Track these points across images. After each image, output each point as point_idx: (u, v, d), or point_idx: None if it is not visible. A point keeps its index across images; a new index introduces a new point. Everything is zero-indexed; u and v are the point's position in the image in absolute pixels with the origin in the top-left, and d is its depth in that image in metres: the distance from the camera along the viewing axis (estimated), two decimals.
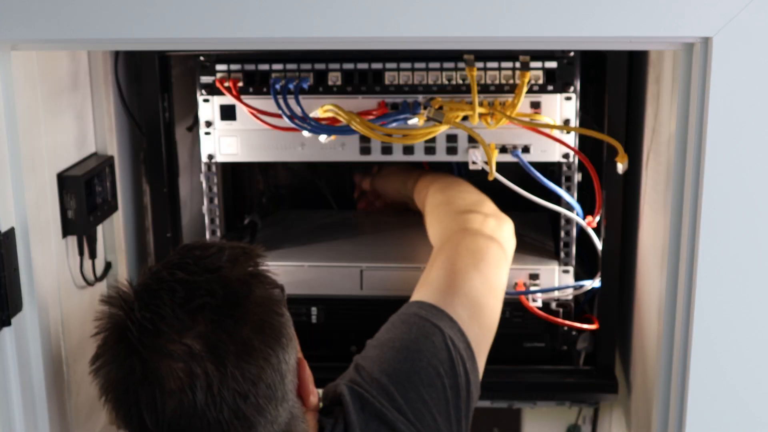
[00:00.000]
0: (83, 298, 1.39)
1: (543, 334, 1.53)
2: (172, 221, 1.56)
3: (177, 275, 1.01)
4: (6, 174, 1.12)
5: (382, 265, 1.53)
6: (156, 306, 0.99)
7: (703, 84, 1.00)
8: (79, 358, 1.34)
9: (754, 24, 0.98)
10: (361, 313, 1.51)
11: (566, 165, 1.47)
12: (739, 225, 1.02)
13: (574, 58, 1.43)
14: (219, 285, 1.01)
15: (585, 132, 1.42)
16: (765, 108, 1.00)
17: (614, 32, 1.01)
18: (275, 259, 1.55)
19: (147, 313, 0.98)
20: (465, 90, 1.43)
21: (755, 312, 1.04)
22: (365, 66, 1.45)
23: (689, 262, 1.05)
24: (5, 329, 1.12)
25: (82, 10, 1.03)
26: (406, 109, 1.42)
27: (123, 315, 1.00)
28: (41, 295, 1.19)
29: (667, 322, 1.11)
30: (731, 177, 1.01)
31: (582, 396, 1.59)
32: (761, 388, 1.06)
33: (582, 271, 1.56)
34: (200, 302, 0.99)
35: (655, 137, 1.35)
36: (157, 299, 0.99)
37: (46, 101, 1.26)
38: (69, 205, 1.32)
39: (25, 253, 1.15)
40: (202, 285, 1.00)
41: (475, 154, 1.45)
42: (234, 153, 1.50)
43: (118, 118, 1.50)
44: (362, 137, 1.45)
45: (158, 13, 1.02)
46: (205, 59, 1.47)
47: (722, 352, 1.05)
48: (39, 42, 1.09)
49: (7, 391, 1.13)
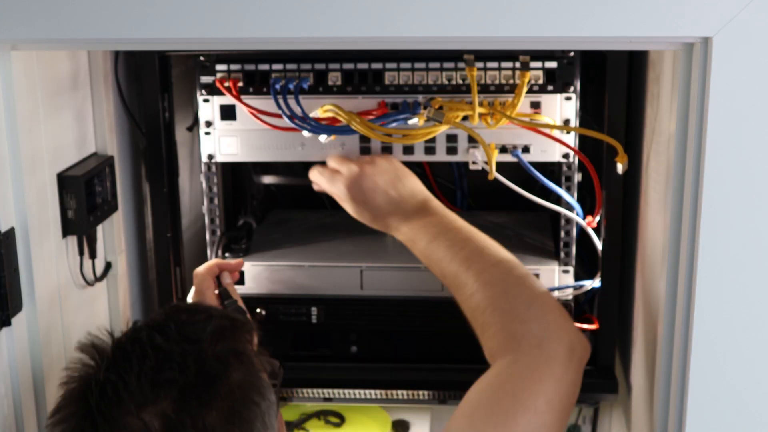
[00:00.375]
0: (83, 298, 1.39)
1: None
2: (172, 221, 1.56)
3: (154, 340, 0.94)
4: (6, 174, 1.12)
5: (382, 265, 1.53)
6: (123, 370, 0.92)
7: (703, 84, 1.00)
8: None
9: (754, 24, 0.98)
10: (361, 313, 1.51)
11: (566, 165, 1.47)
12: (739, 225, 1.02)
13: (574, 58, 1.43)
14: (193, 360, 0.93)
15: (585, 132, 1.42)
16: (765, 108, 1.00)
17: (614, 32, 1.01)
18: (275, 259, 1.56)
19: (112, 375, 0.92)
20: (465, 90, 1.43)
21: (755, 312, 1.04)
22: (365, 66, 1.45)
23: (689, 262, 1.05)
24: (5, 329, 1.12)
25: (82, 10, 1.03)
26: (406, 109, 1.42)
27: (90, 372, 0.94)
28: (41, 295, 1.20)
29: (667, 322, 1.11)
30: (731, 177, 1.01)
31: (582, 396, 1.57)
32: (761, 388, 1.06)
33: (582, 271, 1.56)
34: (168, 376, 0.92)
35: (655, 137, 1.35)
36: (126, 363, 0.93)
37: (46, 101, 1.26)
38: (69, 205, 1.32)
39: (25, 253, 1.15)
40: (175, 357, 0.93)
41: (475, 154, 1.45)
42: (234, 153, 1.50)
43: (118, 118, 1.50)
44: (362, 137, 1.45)
45: (158, 13, 1.02)
46: (205, 59, 1.47)
47: (722, 352, 1.05)
48: (39, 42, 1.09)
49: (7, 391, 1.13)
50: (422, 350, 1.55)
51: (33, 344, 1.18)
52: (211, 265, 1.41)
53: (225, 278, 1.42)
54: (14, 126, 1.12)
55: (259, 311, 1.54)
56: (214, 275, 1.40)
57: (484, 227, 1.70)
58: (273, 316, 1.55)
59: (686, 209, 1.05)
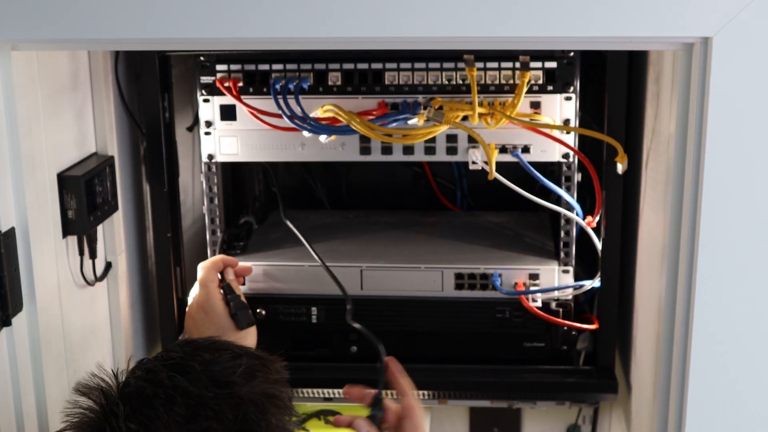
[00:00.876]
0: (83, 298, 1.39)
1: (543, 334, 1.53)
2: (173, 221, 1.56)
3: (177, 382, 0.85)
4: (6, 174, 1.12)
5: (382, 265, 1.53)
6: (147, 418, 0.82)
7: (703, 84, 1.00)
8: (79, 358, 1.34)
9: (754, 24, 0.98)
10: (361, 313, 1.51)
11: (566, 165, 1.47)
12: (739, 225, 1.02)
13: (574, 58, 1.43)
14: (229, 406, 0.84)
15: (585, 132, 1.42)
16: (765, 108, 1.00)
17: (614, 32, 1.01)
18: (275, 259, 1.56)
19: (133, 424, 0.82)
20: (465, 90, 1.43)
21: (755, 311, 1.04)
22: (365, 66, 1.45)
23: (689, 261, 1.05)
24: (5, 329, 1.12)
25: (82, 10, 1.03)
26: (406, 109, 1.42)
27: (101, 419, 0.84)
28: (41, 295, 1.19)
29: (667, 322, 1.11)
30: (731, 177, 1.01)
31: (582, 396, 1.59)
32: (761, 388, 1.06)
33: (582, 271, 1.56)
34: (205, 425, 0.83)
35: (655, 137, 1.35)
36: (150, 410, 0.83)
37: (46, 101, 1.26)
38: (69, 205, 1.32)
39: (25, 253, 1.15)
40: (209, 403, 0.84)
41: (475, 154, 1.45)
42: (234, 153, 1.51)
43: (118, 118, 1.50)
44: (362, 137, 1.45)
45: (158, 13, 1.02)
46: (205, 59, 1.47)
47: (722, 352, 1.05)
48: (39, 42, 1.09)
49: (7, 390, 1.13)
50: (422, 350, 1.55)
51: (33, 344, 1.18)
52: (216, 260, 1.43)
53: (229, 274, 1.43)
54: (14, 126, 1.12)
55: (260, 311, 1.54)
56: (218, 270, 1.42)
57: (484, 227, 1.71)
58: (273, 316, 1.55)
59: (686, 209, 1.05)
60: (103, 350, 1.47)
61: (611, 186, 1.45)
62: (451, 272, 1.51)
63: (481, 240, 1.62)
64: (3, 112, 1.10)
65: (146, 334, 1.64)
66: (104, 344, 1.48)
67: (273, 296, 1.54)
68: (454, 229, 1.69)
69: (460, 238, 1.64)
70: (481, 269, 1.51)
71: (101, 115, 1.45)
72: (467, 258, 1.54)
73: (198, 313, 1.38)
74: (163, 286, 1.56)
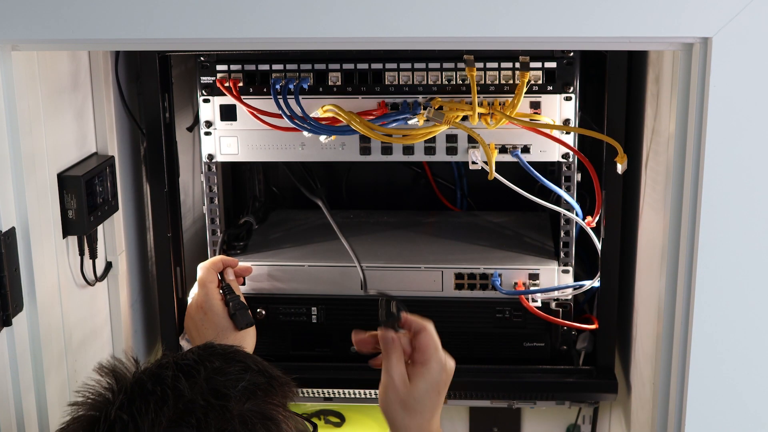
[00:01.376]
0: (83, 298, 1.39)
1: (543, 334, 1.53)
2: (173, 221, 1.56)
3: (178, 383, 0.85)
4: (6, 174, 1.12)
5: (382, 265, 1.53)
6: (138, 411, 0.84)
7: (703, 84, 1.00)
8: (80, 358, 1.34)
9: (753, 24, 0.98)
10: (361, 313, 1.51)
11: (566, 165, 1.47)
12: (739, 225, 1.02)
13: (573, 58, 1.43)
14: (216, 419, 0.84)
15: (585, 132, 1.42)
16: (764, 108, 1.00)
17: (614, 32, 1.01)
18: (275, 259, 1.56)
19: (125, 415, 0.84)
20: (465, 90, 1.43)
21: (754, 311, 1.05)
22: (365, 66, 1.45)
23: (689, 261, 1.05)
24: (5, 329, 1.12)
25: (82, 10, 1.03)
26: (406, 109, 1.42)
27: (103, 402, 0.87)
28: (41, 295, 1.20)
29: (666, 322, 1.11)
30: (730, 177, 1.01)
31: (582, 396, 1.59)
32: (761, 388, 1.06)
33: (582, 271, 1.56)
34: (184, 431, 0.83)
35: (655, 137, 1.35)
36: (143, 404, 0.84)
37: (46, 101, 1.26)
38: (69, 205, 1.32)
39: (25, 253, 1.15)
40: (197, 411, 0.84)
41: (475, 154, 1.45)
42: (234, 153, 1.51)
43: (118, 118, 1.50)
44: (362, 137, 1.45)
45: (158, 13, 1.03)
46: (205, 59, 1.47)
47: (721, 352, 1.05)
48: (39, 42, 1.09)
49: (7, 391, 1.13)
50: None
51: (33, 344, 1.18)
52: (215, 260, 1.43)
53: (229, 274, 1.44)
54: (15, 126, 1.13)
55: (260, 311, 1.54)
56: (217, 270, 1.43)
57: (484, 227, 1.71)
58: (273, 316, 1.55)
59: (686, 209, 1.05)
60: (104, 350, 1.47)
61: (611, 186, 1.45)
62: (451, 272, 1.51)
63: (481, 240, 1.62)
64: (3, 112, 1.10)
65: (146, 334, 1.64)
66: (104, 344, 1.48)
67: (273, 296, 1.55)
68: (454, 229, 1.69)
69: (460, 238, 1.64)
70: (481, 269, 1.51)
71: (101, 115, 1.45)
72: (467, 258, 1.54)
73: (197, 313, 1.39)
74: (163, 286, 1.56)
